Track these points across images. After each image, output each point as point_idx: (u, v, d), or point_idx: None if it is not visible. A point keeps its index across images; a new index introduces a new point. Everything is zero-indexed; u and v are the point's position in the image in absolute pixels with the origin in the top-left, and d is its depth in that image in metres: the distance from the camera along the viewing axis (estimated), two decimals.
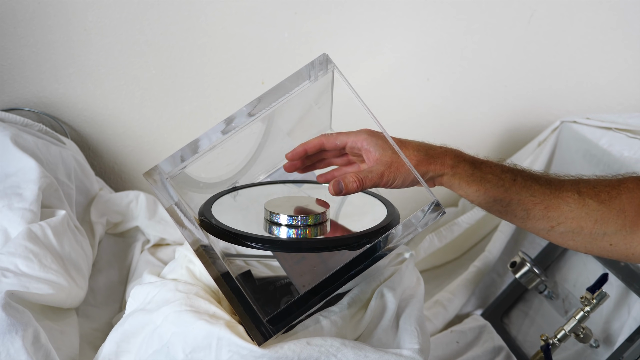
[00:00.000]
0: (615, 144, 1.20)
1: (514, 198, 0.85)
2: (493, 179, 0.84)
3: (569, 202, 0.84)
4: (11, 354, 0.78)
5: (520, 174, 0.86)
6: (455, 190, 0.86)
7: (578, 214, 0.84)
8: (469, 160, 0.85)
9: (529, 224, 0.87)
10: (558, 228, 0.86)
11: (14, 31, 1.20)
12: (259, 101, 0.81)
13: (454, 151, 0.85)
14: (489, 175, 0.84)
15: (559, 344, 1.04)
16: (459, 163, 0.84)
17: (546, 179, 0.87)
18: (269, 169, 0.98)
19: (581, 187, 0.85)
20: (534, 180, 0.86)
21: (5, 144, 1.08)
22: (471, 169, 0.84)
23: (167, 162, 0.79)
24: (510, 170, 0.86)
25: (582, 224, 0.85)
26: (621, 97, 1.43)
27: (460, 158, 0.85)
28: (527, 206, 0.85)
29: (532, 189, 0.85)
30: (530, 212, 0.85)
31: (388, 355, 0.78)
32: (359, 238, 0.79)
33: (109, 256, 1.17)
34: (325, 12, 1.31)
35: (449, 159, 0.84)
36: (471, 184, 0.84)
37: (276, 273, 1.00)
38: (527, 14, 1.36)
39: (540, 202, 0.85)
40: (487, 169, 0.85)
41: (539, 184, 0.85)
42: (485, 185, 0.84)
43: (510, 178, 0.85)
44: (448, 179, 0.84)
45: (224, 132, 0.81)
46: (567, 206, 0.84)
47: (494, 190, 0.84)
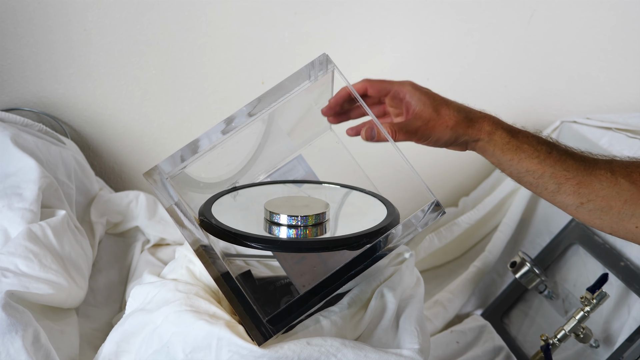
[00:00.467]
0: (615, 144, 1.20)
1: (547, 170, 0.84)
2: (529, 149, 0.83)
3: (601, 179, 0.84)
4: (11, 354, 0.78)
5: (556, 147, 0.85)
6: (487, 158, 0.85)
7: (609, 192, 0.83)
8: (507, 128, 0.84)
9: (558, 198, 0.86)
10: (587, 205, 0.85)
11: (14, 31, 1.20)
12: (259, 101, 0.81)
13: (492, 117, 0.85)
14: (525, 145, 0.83)
15: (559, 344, 1.04)
16: (496, 130, 0.83)
17: (580, 155, 0.86)
18: (269, 169, 0.98)
19: (614, 166, 0.84)
20: (569, 155, 0.85)
21: (5, 144, 1.08)
22: (508, 137, 0.83)
23: (167, 162, 0.79)
24: (546, 142, 0.85)
25: (611, 203, 0.84)
26: (621, 97, 1.43)
27: (498, 125, 0.84)
28: (560, 180, 0.84)
29: (566, 163, 0.84)
30: (561, 187, 0.84)
31: (388, 355, 0.78)
32: (359, 238, 0.79)
33: (109, 256, 1.17)
34: (325, 12, 1.31)
35: (487, 124, 0.83)
36: (506, 152, 0.83)
37: (276, 273, 1.00)
38: (527, 14, 1.36)
39: (572, 178, 0.84)
40: (524, 139, 0.84)
41: (573, 159, 0.85)
42: (520, 155, 0.83)
43: (545, 150, 0.84)
44: (483, 145, 0.84)
45: (224, 132, 0.81)
46: (599, 184, 0.84)
47: (528, 161, 0.84)
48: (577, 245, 1.17)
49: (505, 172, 0.86)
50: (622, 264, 1.07)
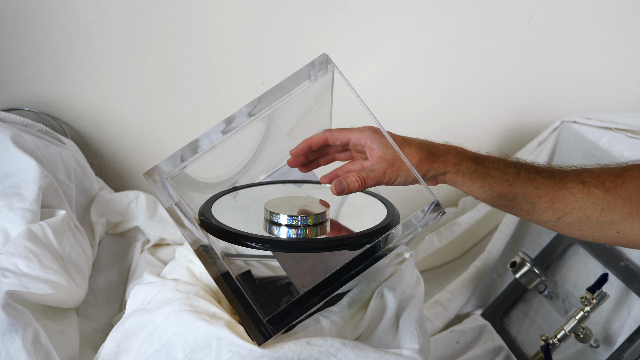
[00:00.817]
0: (615, 144, 1.20)
1: (518, 192, 0.85)
2: (496, 174, 0.84)
3: (573, 192, 0.84)
4: (11, 354, 0.78)
5: (524, 167, 0.86)
6: (459, 187, 0.86)
7: (584, 203, 0.84)
8: (472, 157, 0.85)
9: (535, 216, 0.87)
10: (565, 219, 0.85)
11: (14, 31, 1.20)
12: (259, 101, 0.81)
13: (456, 148, 0.85)
14: (492, 171, 0.84)
15: (559, 344, 1.04)
16: (462, 160, 0.84)
17: (549, 170, 0.87)
18: (269, 169, 0.98)
19: (585, 177, 0.85)
20: (537, 172, 0.86)
21: (5, 144, 1.08)
22: (474, 165, 0.84)
23: (167, 162, 0.79)
24: (513, 164, 0.86)
25: (588, 214, 0.84)
26: (621, 97, 1.43)
27: (462, 155, 0.85)
28: (532, 199, 0.85)
29: (536, 181, 0.85)
30: (535, 205, 0.85)
31: (388, 355, 0.78)
32: (359, 238, 0.79)
33: (109, 256, 1.17)
34: (325, 12, 1.31)
35: (452, 156, 0.84)
36: (475, 180, 0.84)
37: (276, 273, 1.00)
38: (527, 14, 1.36)
39: (545, 195, 0.85)
40: (490, 165, 0.85)
41: (542, 176, 0.85)
42: (489, 181, 0.84)
43: (513, 172, 0.85)
44: (451, 176, 0.84)
45: (224, 132, 0.81)
46: (572, 197, 0.84)
47: (498, 185, 0.84)
48: (577, 245, 1.17)
49: (478, 199, 0.87)
50: (622, 264, 1.07)
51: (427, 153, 0.83)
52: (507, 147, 1.46)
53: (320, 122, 0.97)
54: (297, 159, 0.90)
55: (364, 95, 0.88)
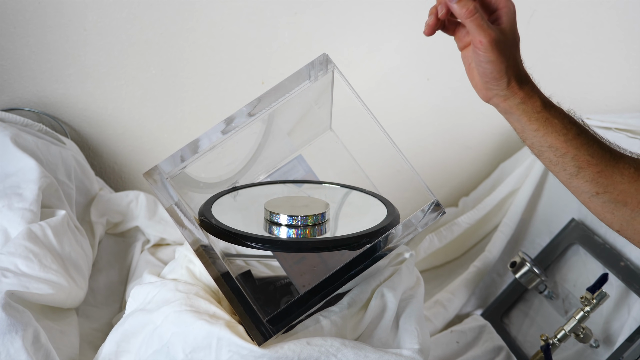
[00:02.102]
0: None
1: (570, 151, 0.82)
2: (558, 124, 0.81)
3: (623, 173, 0.82)
4: (11, 354, 0.78)
5: (586, 132, 0.83)
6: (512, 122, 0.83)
7: (627, 187, 0.82)
8: (542, 98, 0.82)
9: (575, 182, 0.83)
10: (602, 196, 0.83)
11: (13, 31, 1.20)
12: (259, 101, 0.81)
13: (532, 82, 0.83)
14: (555, 120, 0.81)
15: (559, 344, 1.04)
16: (532, 97, 0.81)
17: (608, 146, 0.84)
18: (269, 169, 0.98)
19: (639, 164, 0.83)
20: (597, 142, 0.83)
21: (5, 144, 1.08)
22: (541, 106, 0.81)
23: (167, 162, 0.79)
24: (577, 124, 0.83)
25: (627, 199, 0.82)
26: (621, 97, 1.43)
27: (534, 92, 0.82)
28: (581, 164, 0.82)
29: (592, 148, 0.82)
30: (581, 171, 0.82)
31: (388, 355, 0.78)
32: (359, 238, 0.79)
33: (109, 256, 1.17)
34: (325, 12, 1.31)
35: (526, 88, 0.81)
36: (533, 122, 0.81)
37: (276, 273, 1.00)
38: (527, 13, 1.36)
39: (595, 164, 0.82)
40: (556, 114, 0.82)
41: (600, 146, 0.82)
42: (548, 128, 0.81)
43: (575, 131, 0.82)
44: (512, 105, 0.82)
45: (224, 132, 0.81)
46: (620, 177, 0.82)
47: (554, 136, 0.81)
48: (577, 245, 1.17)
49: (526, 142, 0.83)
50: (622, 264, 1.07)
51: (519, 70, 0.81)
52: (507, 147, 1.46)
53: (320, 122, 0.97)
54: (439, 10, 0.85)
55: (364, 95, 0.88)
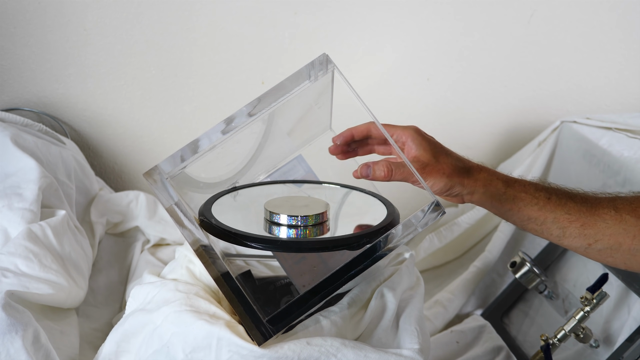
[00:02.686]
0: (615, 144, 1.20)
1: (548, 216, 0.84)
2: (526, 197, 0.84)
3: (605, 218, 0.83)
4: (11, 354, 0.78)
5: (555, 192, 0.85)
6: (488, 209, 0.85)
7: (616, 230, 0.83)
8: (502, 179, 0.84)
9: (565, 241, 0.86)
10: (596, 245, 0.84)
11: (13, 31, 1.20)
12: (259, 101, 0.81)
13: (488, 169, 0.85)
14: (522, 194, 0.84)
15: (559, 344, 1.04)
16: (492, 181, 0.84)
17: (582, 196, 0.86)
18: (269, 169, 0.98)
19: (617, 204, 0.84)
20: (569, 197, 0.85)
21: (5, 144, 1.08)
22: (504, 187, 0.84)
23: (167, 162, 0.79)
24: (544, 188, 0.85)
25: (620, 240, 0.83)
26: (621, 97, 1.43)
27: (493, 176, 0.84)
28: (563, 224, 0.84)
29: (567, 206, 0.84)
30: (566, 230, 0.84)
31: (388, 355, 0.78)
32: (359, 238, 0.79)
33: (109, 256, 1.17)
34: (325, 12, 1.31)
35: (483, 175, 0.84)
36: (504, 203, 0.84)
37: (276, 273, 1.00)
38: (527, 14, 1.36)
39: (576, 220, 0.84)
40: (520, 188, 0.84)
41: (574, 201, 0.84)
42: (519, 204, 0.84)
43: (544, 196, 0.84)
44: (479, 197, 0.84)
45: (224, 132, 0.81)
46: (604, 223, 0.83)
47: (527, 208, 0.84)
48: None
49: (508, 221, 0.86)
50: None
51: (461, 167, 0.82)
52: (507, 147, 1.46)
53: (320, 122, 0.97)
54: (338, 147, 0.90)
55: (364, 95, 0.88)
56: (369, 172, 0.80)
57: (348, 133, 0.89)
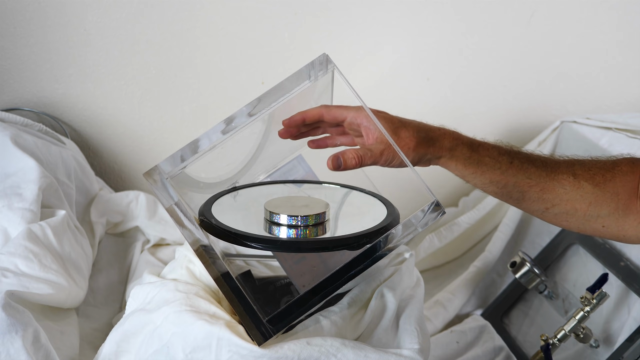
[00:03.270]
0: (615, 144, 1.20)
1: (510, 180, 0.86)
2: (490, 161, 0.85)
3: (564, 184, 0.86)
4: (11, 354, 0.78)
5: (517, 156, 0.87)
6: (451, 171, 0.87)
7: (573, 196, 0.85)
8: (467, 143, 0.86)
9: (523, 205, 0.88)
10: (552, 210, 0.87)
11: (13, 31, 1.20)
12: (259, 101, 0.81)
13: (452, 133, 0.86)
14: (486, 158, 0.85)
15: (559, 344, 1.04)
16: (457, 146, 0.85)
17: (542, 160, 0.87)
18: (269, 169, 0.98)
19: (576, 170, 0.86)
20: (530, 162, 0.86)
21: (5, 144, 1.08)
22: (468, 151, 0.85)
23: (167, 162, 0.79)
24: (507, 152, 0.87)
25: (576, 206, 0.86)
26: (621, 97, 1.43)
27: (458, 140, 0.85)
28: (523, 188, 0.86)
29: (528, 171, 0.86)
30: (525, 194, 0.86)
31: (388, 355, 0.78)
32: (359, 238, 0.79)
33: (109, 256, 1.17)
34: (325, 12, 1.31)
35: (447, 141, 0.85)
36: (468, 166, 0.85)
37: (276, 273, 1.00)
38: (527, 14, 1.36)
39: (535, 185, 0.86)
40: (484, 152, 0.86)
41: (535, 166, 0.86)
42: (482, 167, 0.85)
43: (507, 161, 0.86)
44: (445, 161, 0.85)
45: (224, 132, 0.81)
46: (562, 188, 0.85)
47: (490, 172, 0.85)
48: (577, 245, 1.17)
49: (470, 183, 0.88)
50: (622, 264, 1.07)
51: (423, 137, 0.83)
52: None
53: None
54: (288, 129, 0.89)
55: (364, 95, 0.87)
56: (340, 162, 0.80)
57: (299, 117, 0.87)
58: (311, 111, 0.87)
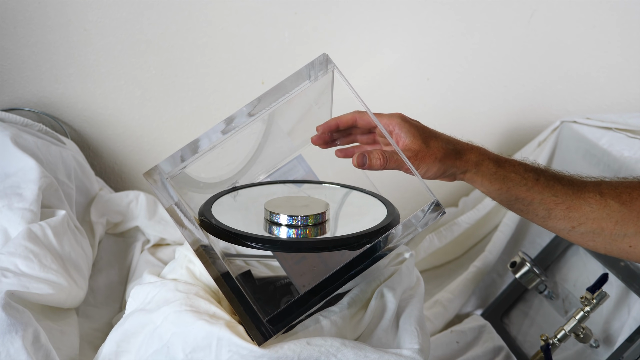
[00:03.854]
0: (615, 144, 1.20)
1: (536, 197, 0.85)
2: (516, 177, 0.85)
3: (590, 202, 0.84)
4: (11, 354, 0.78)
5: (543, 173, 0.86)
6: (477, 187, 0.86)
7: (599, 214, 0.84)
8: (493, 159, 0.85)
9: (549, 223, 0.87)
10: (579, 228, 0.86)
11: (13, 31, 1.20)
12: (259, 101, 0.81)
13: (479, 148, 0.86)
14: (512, 174, 0.85)
15: (559, 344, 1.04)
16: (483, 161, 0.84)
17: (569, 179, 0.87)
18: (269, 169, 0.98)
19: (603, 188, 0.85)
20: (557, 180, 0.86)
21: (5, 144, 1.08)
22: (495, 167, 0.84)
23: (167, 162, 0.79)
24: (533, 169, 0.86)
25: (602, 225, 0.84)
26: (621, 97, 1.43)
27: (484, 156, 0.85)
28: (549, 206, 0.85)
29: (554, 188, 0.85)
30: (552, 212, 0.85)
31: (388, 355, 0.78)
32: (359, 238, 0.79)
33: (109, 256, 1.17)
34: (325, 12, 1.31)
35: (474, 155, 0.84)
36: (494, 182, 0.84)
37: (276, 273, 1.00)
38: (527, 13, 1.36)
39: (562, 202, 0.85)
40: (510, 168, 0.85)
41: (561, 184, 0.85)
42: (508, 183, 0.84)
43: (533, 177, 0.85)
44: (471, 176, 0.85)
45: (224, 132, 0.81)
46: (588, 207, 0.84)
47: (516, 189, 0.85)
48: (577, 245, 1.17)
49: (495, 200, 0.87)
50: (622, 264, 1.07)
51: (452, 149, 0.83)
52: (507, 147, 1.46)
53: (320, 122, 0.97)
54: (322, 135, 0.89)
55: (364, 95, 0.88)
56: (365, 160, 0.80)
57: (333, 122, 0.88)
58: (345, 116, 0.88)
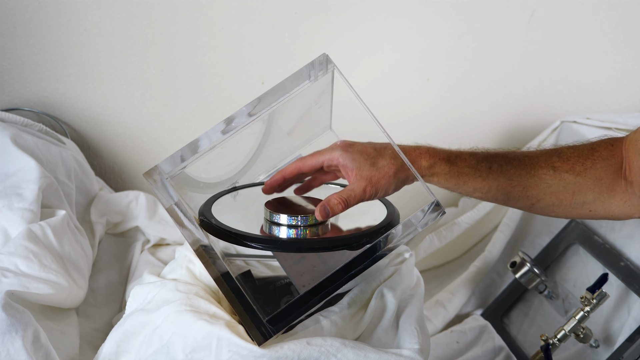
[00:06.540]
0: None
1: (492, 185, 0.87)
2: (470, 171, 0.86)
3: (545, 179, 0.87)
4: (11, 354, 0.78)
5: (495, 159, 0.88)
6: (435, 185, 0.88)
7: (556, 188, 0.87)
8: (444, 158, 0.86)
9: (510, 204, 0.90)
10: (539, 204, 0.88)
11: (13, 31, 1.20)
12: (259, 101, 0.81)
13: (427, 150, 0.86)
14: (465, 169, 0.86)
15: (559, 344, 1.04)
16: (435, 163, 0.86)
17: (519, 159, 0.88)
18: (269, 169, 0.98)
19: (555, 162, 0.87)
20: (509, 163, 0.88)
21: (5, 144, 1.08)
22: (447, 166, 0.86)
23: (167, 162, 0.79)
24: (484, 158, 0.88)
25: (561, 197, 0.87)
26: (621, 97, 1.43)
27: (435, 157, 0.86)
28: (506, 190, 0.87)
29: (508, 173, 0.87)
30: (510, 195, 0.88)
31: (388, 355, 0.78)
32: (359, 238, 0.79)
33: (109, 256, 1.17)
34: (325, 12, 1.31)
35: (424, 160, 0.85)
36: (449, 180, 0.86)
37: (276, 273, 1.00)
38: (527, 14, 1.36)
39: (518, 184, 0.87)
40: (462, 163, 0.86)
41: (513, 167, 0.87)
42: (463, 178, 0.86)
43: (485, 167, 0.87)
44: (427, 179, 0.86)
45: (224, 132, 0.81)
46: (544, 183, 0.87)
47: (472, 181, 0.86)
48: (577, 245, 1.17)
49: (454, 192, 0.89)
50: (622, 264, 1.07)
51: (401, 162, 0.84)
52: (507, 147, 1.46)
53: (320, 122, 0.97)
54: (269, 188, 0.90)
55: (364, 95, 0.88)
56: (327, 210, 0.80)
57: (279, 176, 0.88)
58: (288, 168, 0.88)
